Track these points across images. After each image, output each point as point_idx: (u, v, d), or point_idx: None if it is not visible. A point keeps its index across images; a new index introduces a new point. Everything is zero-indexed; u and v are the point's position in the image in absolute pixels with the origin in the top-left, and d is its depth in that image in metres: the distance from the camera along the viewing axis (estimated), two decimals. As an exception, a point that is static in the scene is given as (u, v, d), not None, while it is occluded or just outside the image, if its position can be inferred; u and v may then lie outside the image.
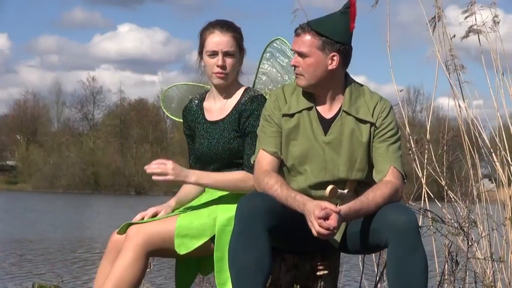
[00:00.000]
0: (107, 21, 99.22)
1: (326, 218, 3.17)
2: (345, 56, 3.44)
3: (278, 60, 3.98)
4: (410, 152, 5.15)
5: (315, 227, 3.18)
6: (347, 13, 3.43)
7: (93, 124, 64.52)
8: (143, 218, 3.61)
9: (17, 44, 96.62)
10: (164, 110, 4.17)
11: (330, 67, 3.42)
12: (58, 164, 58.43)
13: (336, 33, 3.40)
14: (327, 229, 3.16)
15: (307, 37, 3.41)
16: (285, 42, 3.97)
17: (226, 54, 3.64)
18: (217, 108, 3.75)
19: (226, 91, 3.73)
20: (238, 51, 3.68)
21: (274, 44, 4.01)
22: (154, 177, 3.55)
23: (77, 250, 15.59)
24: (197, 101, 3.84)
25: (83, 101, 64.02)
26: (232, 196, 3.63)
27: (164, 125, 65.33)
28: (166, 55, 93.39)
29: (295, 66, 3.45)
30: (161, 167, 3.54)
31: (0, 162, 64.46)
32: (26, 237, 17.96)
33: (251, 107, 3.65)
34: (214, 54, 3.65)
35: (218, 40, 3.64)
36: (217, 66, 3.64)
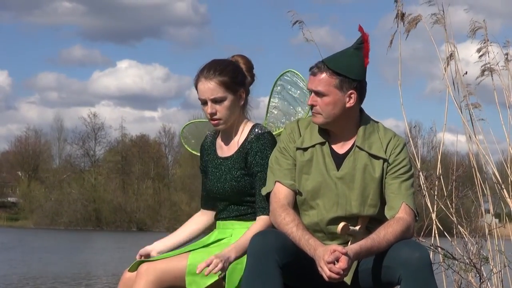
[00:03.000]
0: (106, 58, 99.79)
1: (336, 261, 3.16)
2: (361, 92, 3.46)
3: (290, 92, 3.97)
4: (420, 188, 5.16)
5: (326, 273, 3.16)
6: (361, 49, 3.46)
7: (95, 160, 64.56)
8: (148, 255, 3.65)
9: (17, 81, 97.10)
10: (185, 146, 4.19)
11: (348, 105, 3.43)
12: (59, 201, 58.41)
13: (352, 71, 3.41)
14: (338, 273, 3.15)
15: (324, 76, 3.41)
16: (296, 74, 3.97)
17: (213, 101, 3.62)
18: (227, 144, 3.75)
19: (233, 129, 3.72)
20: (231, 92, 3.63)
21: (285, 77, 4.01)
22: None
23: (80, 287, 15.51)
24: (211, 138, 3.85)
25: (85, 138, 64.18)
26: (242, 233, 3.62)
27: (166, 161, 65.46)
28: (166, 91, 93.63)
29: (312, 105, 3.45)
30: (210, 268, 3.37)
31: (1, 198, 64.45)
32: (28, 274, 17.88)
33: (257, 145, 3.63)
34: (204, 102, 3.65)
35: (202, 88, 3.62)
36: (208, 113, 3.64)
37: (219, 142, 3.80)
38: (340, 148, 3.50)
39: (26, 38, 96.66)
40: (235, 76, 3.65)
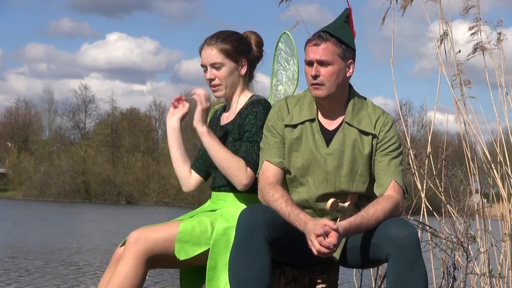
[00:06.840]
0: (95, 30, 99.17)
1: (325, 235, 3.17)
2: (354, 63, 3.48)
3: (284, 61, 4.00)
4: (409, 166, 5.17)
5: (315, 246, 3.17)
6: (348, 22, 3.49)
7: (85, 133, 64.33)
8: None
9: (6, 51, 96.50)
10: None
11: (348, 74, 3.46)
12: (48, 173, 58.19)
13: (350, 41, 3.46)
14: (327, 247, 3.16)
15: (329, 45, 3.41)
16: (288, 35, 4.00)
17: (213, 66, 3.68)
18: (228, 114, 3.79)
19: (235, 99, 3.77)
20: (231, 60, 3.68)
21: (281, 44, 4.00)
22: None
23: (68, 259, 15.52)
24: (219, 111, 3.91)
25: (75, 110, 63.89)
26: (233, 205, 3.63)
27: (156, 135, 65.29)
28: (156, 64, 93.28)
29: (316, 76, 3.42)
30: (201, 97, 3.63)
31: (-10, 169, 64.26)
32: (16, 246, 17.87)
33: (250, 110, 3.66)
34: (205, 68, 3.71)
35: (204, 55, 3.70)
36: (207, 79, 3.69)
37: (224, 113, 3.85)
38: (329, 124, 3.50)
39: (15, 9, 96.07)
40: (237, 45, 3.70)
